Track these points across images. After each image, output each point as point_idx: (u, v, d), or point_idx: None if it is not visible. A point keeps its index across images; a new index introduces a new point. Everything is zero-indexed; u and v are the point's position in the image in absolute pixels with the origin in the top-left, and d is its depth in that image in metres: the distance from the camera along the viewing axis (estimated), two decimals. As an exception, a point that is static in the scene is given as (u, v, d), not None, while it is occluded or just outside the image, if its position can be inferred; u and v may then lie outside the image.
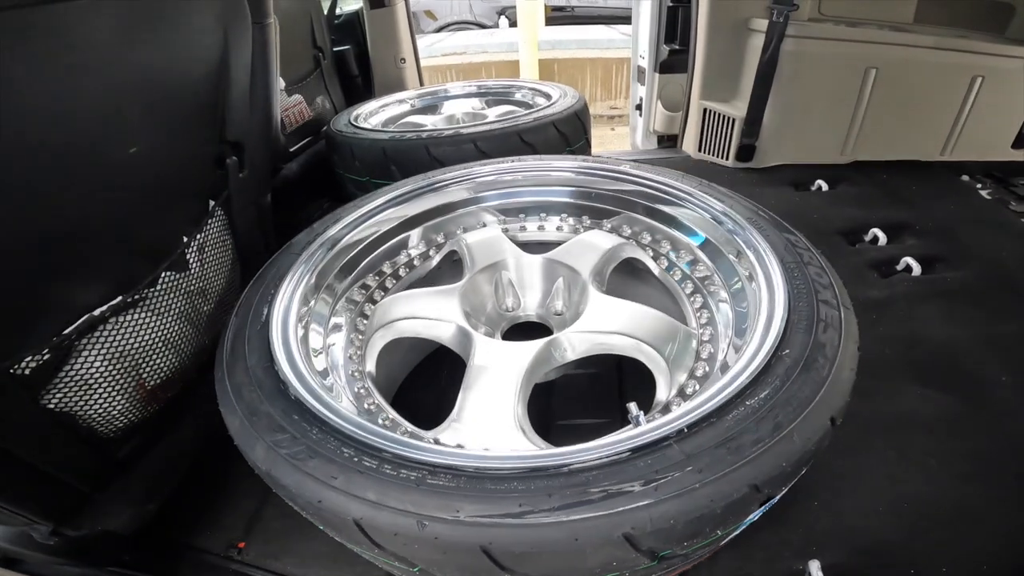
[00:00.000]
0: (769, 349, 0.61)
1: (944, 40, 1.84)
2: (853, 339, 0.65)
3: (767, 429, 0.54)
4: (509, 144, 1.46)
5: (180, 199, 0.81)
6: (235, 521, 0.99)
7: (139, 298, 0.74)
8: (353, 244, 0.97)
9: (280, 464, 0.59)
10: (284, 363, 0.70)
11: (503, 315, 0.96)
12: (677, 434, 0.55)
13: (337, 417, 0.63)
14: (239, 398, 0.66)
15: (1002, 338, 1.26)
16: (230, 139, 0.89)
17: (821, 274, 0.72)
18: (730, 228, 0.85)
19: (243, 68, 0.89)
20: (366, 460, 0.58)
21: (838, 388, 0.59)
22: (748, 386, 0.58)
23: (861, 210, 1.79)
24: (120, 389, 0.75)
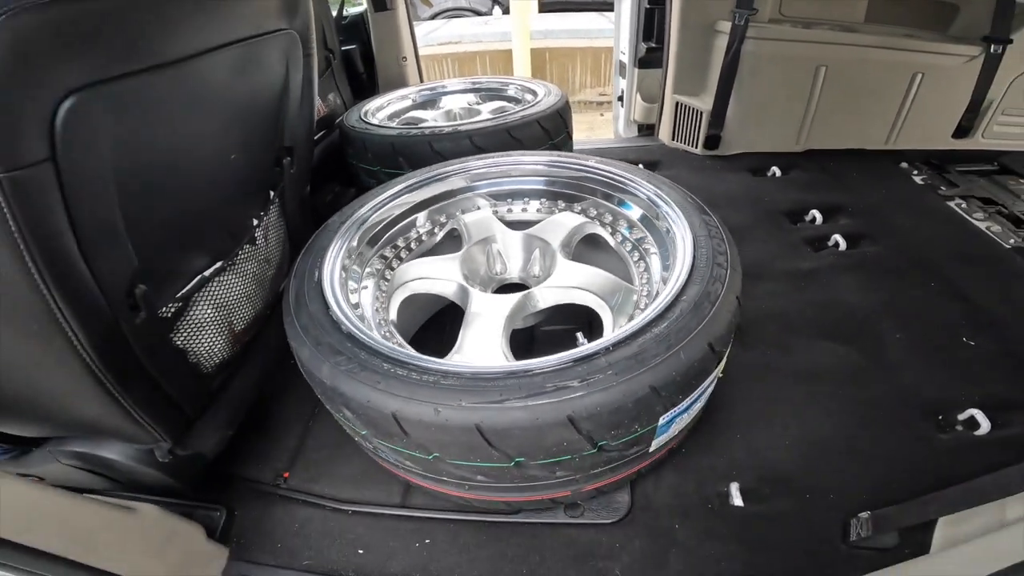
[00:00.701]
0: (672, 296, 0.88)
1: (887, 39, 2.08)
2: (734, 291, 0.90)
3: (663, 348, 0.79)
4: (500, 139, 1.72)
5: (254, 191, 1.09)
6: (280, 455, 1.18)
7: (229, 264, 1.01)
8: (376, 223, 1.25)
9: (340, 377, 0.81)
10: (337, 308, 0.96)
11: (493, 277, 1.25)
12: (604, 350, 0.80)
13: (377, 343, 0.89)
14: (307, 334, 0.90)
15: (902, 303, 1.52)
16: (286, 144, 1.17)
17: (721, 245, 0.99)
18: (664, 211, 1.13)
19: (296, 89, 1.15)
20: (399, 370, 0.82)
21: (716, 323, 0.83)
22: (654, 320, 0.84)
23: (806, 194, 2.07)
24: (219, 331, 1.02)
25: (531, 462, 0.83)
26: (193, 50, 0.83)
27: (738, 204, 2.05)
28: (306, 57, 1.14)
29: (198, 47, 0.84)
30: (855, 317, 1.50)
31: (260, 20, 0.99)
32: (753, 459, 1.13)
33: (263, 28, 0.99)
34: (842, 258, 1.73)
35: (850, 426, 1.17)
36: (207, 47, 0.85)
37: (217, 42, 0.87)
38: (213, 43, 0.86)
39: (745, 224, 1.92)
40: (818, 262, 1.72)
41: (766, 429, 1.18)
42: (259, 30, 0.98)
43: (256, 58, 0.99)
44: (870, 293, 1.58)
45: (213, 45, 0.86)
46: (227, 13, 0.91)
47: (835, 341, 1.42)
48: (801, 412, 1.22)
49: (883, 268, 1.67)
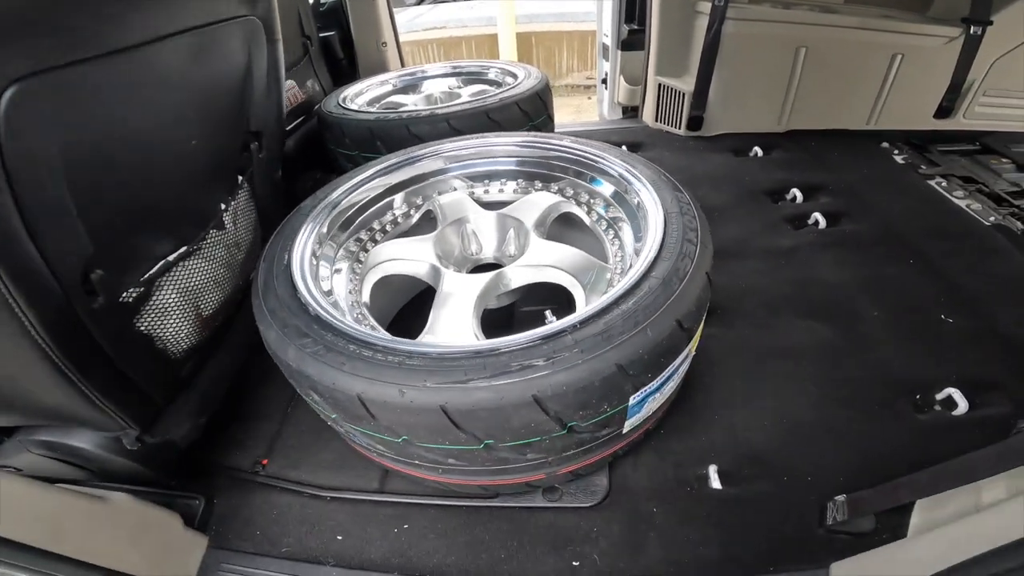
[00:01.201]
0: (641, 272, 0.87)
1: (866, 20, 2.07)
2: (703, 268, 0.89)
3: (629, 325, 0.78)
4: (478, 122, 1.70)
5: (220, 176, 1.08)
6: (258, 442, 1.18)
7: (195, 248, 1.00)
8: (349, 206, 1.23)
9: (306, 359, 0.80)
10: (304, 291, 0.96)
11: (468, 257, 1.24)
12: (571, 327, 0.79)
13: (344, 324, 0.89)
14: (274, 316, 0.90)
15: (880, 280, 1.52)
16: (253, 129, 1.16)
17: (692, 221, 0.99)
18: (635, 187, 1.12)
19: (261, 76, 1.15)
20: (364, 351, 0.81)
21: (685, 300, 0.83)
22: (622, 296, 0.83)
23: (787, 173, 2.06)
24: (185, 316, 1.01)
25: (500, 444, 0.82)
26: (143, 38, 0.82)
27: (720, 184, 2.04)
28: (270, 43, 1.14)
29: (148, 35, 0.82)
30: (833, 295, 1.50)
31: (216, 7, 0.98)
32: (731, 440, 1.12)
33: (220, 15, 0.98)
34: (822, 236, 1.73)
35: (828, 406, 1.17)
36: (158, 35, 0.84)
37: (169, 30, 0.86)
38: (165, 31, 0.85)
39: (726, 203, 1.92)
40: (798, 240, 1.72)
41: (744, 409, 1.18)
42: (216, 17, 0.97)
43: (214, 45, 0.98)
44: (848, 270, 1.58)
45: (165, 33, 0.85)
46: (180, 1, 0.90)
47: (813, 319, 1.42)
48: (779, 392, 1.22)
49: (862, 246, 1.67)
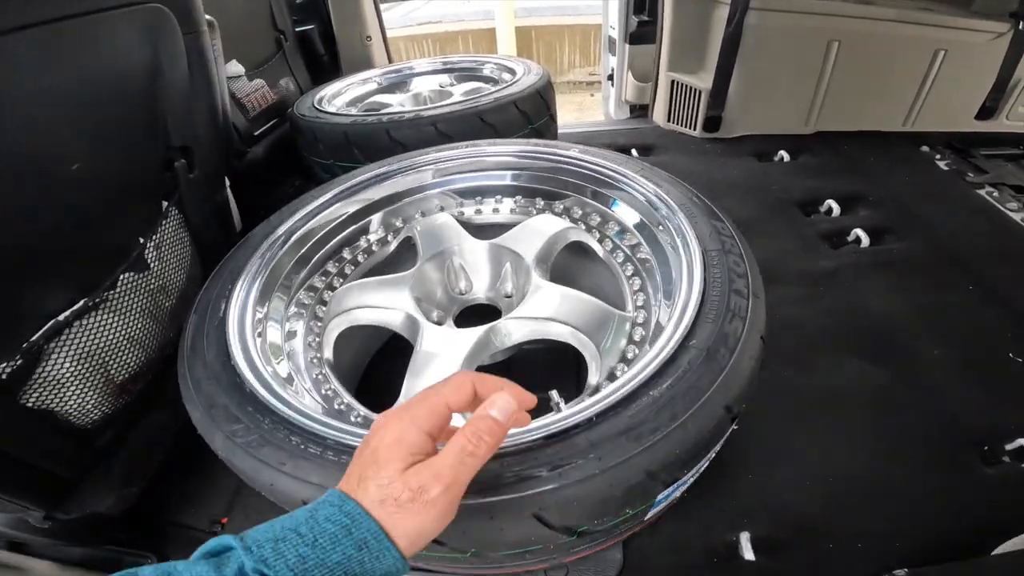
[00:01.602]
0: (677, 340, 0.66)
1: (906, 13, 1.86)
2: (758, 329, 0.69)
3: (664, 419, 0.58)
4: (470, 125, 1.48)
5: (131, 204, 0.85)
6: (217, 499, 1.06)
7: (100, 300, 0.78)
8: (309, 235, 1.01)
9: (237, 452, 0.64)
10: (240, 358, 0.75)
11: (455, 298, 1.02)
12: (586, 423, 0.59)
13: (287, 408, 0.68)
14: (199, 391, 0.71)
15: (939, 310, 1.33)
16: (176, 144, 0.93)
17: (739, 262, 0.77)
18: (664, 214, 0.90)
19: (180, 77, 0.92)
20: (311, 447, 0.62)
21: (736, 378, 0.63)
22: (653, 376, 0.63)
23: (819, 181, 1.85)
24: (91, 386, 0.80)
25: (491, 553, 0.65)
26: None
27: (743, 194, 1.82)
28: (190, 35, 0.90)
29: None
30: (884, 328, 1.31)
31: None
32: (766, 502, 0.97)
33: (102, 2, 0.75)
34: (865, 256, 1.51)
35: (880, 460, 1.02)
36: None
37: (19, 22, 0.64)
38: (12, 23, 0.62)
39: (752, 217, 1.70)
40: (838, 261, 1.50)
41: (782, 465, 1.03)
42: (95, 5, 0.74)
43: (93, 41, 0.75)
44: (900, 298, 1.38)
45: (11, 26, 0.62)
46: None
47: (861, 357, 1.23)
48: (823, 444, 1.06)
49: (913, 268, 1.46)
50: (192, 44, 0.94)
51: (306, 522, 0.38)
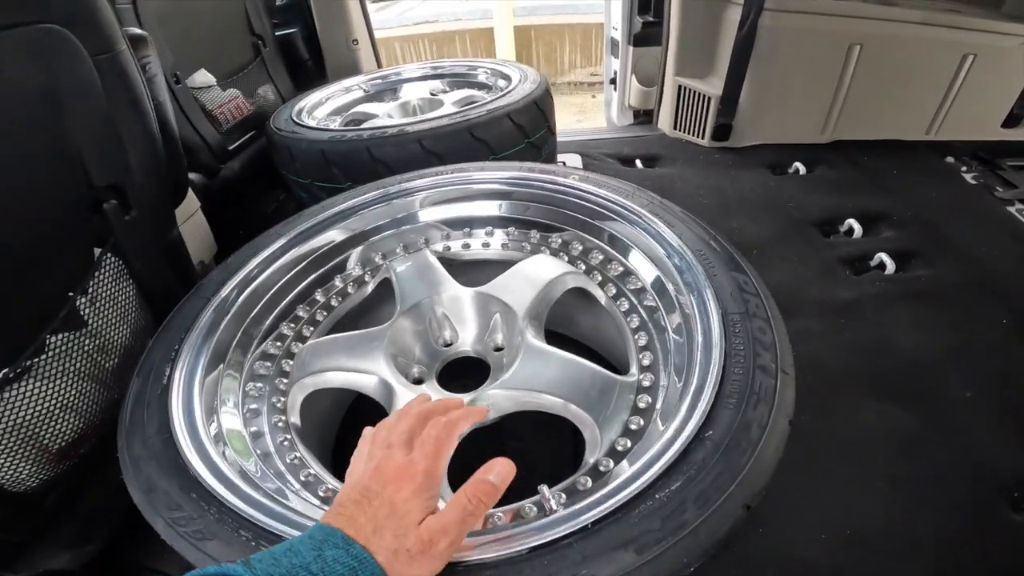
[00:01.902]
0: (691, 432, 0.56)
1: (934, 16, 1.74)
2: (785, 413, 0.60)
3: (672, 527, 0.50)
4: (459, 141, 1.37)
5: (53, 256, 0.73)
6: None
7: (25, 369, 0.68)
8: (270, 281, 0.91)
9: (180, 541, 0.57)
10: (183, 435, 0.66)
11: (439, 351, 0.91)
12: (580, 531, 0.51)
13: (236, 497, 0.60)
14: (138, 471, 0.63)
15: (971, 347, 1.23)
16: (100, 184, 0.82)
17: (765, 329, 0.67)
18: (677, 264, 0.79)
19: (92, 107, 0.80)
20: (263, 544, 0.54)
21: (757, 474, 0.54)
22: (661, 476, 0.54)
23: (838, 197, 1.73)
24: (22, 457, 0.71)
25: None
26: None
27: (757, 211, 1.71)
28: (103, 56, 0.77)
29: None
30: (910, 366, 1.21)
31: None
32: (780, 558, 0.90)
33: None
34: (891, 284, 1.40)
35: (903, 509, 0.95)
36: None
37: None
38: None
39: (766, 238, 1.59)
40: (860, 290, 1.39)
41: (795, 518, 0.95)
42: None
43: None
44: (929, 333, 1.27)
45: None
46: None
47: (884, 399, 1.14)
48: (842, 494, 0.98)
49: (943, 298, 1.36)
50: (107, 66, 0.81)
51: (315, 561, 0.40)
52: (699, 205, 1.73)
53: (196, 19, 1.63)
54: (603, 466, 0.68)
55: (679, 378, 0.73)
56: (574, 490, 0.66)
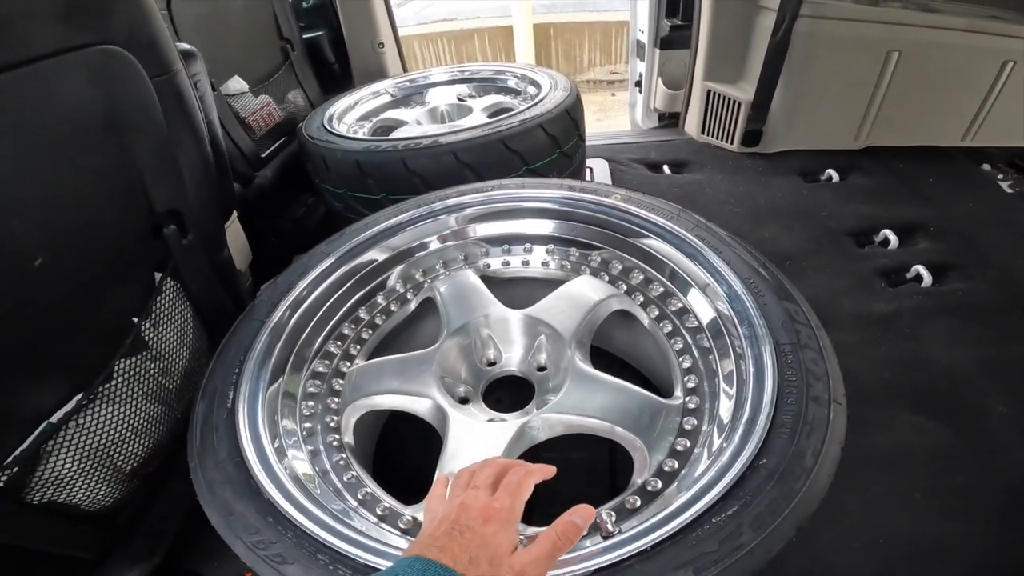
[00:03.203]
0: (746, 460, 0.60)
1: (977, 23, 1.73)
2: (838, 441, 0.63)
3: (728, 548, 0.54)
4: (493, 153, 1.40)
5: (118, 283, 0.77)
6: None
7: (96, 395, 0.73)
8: (323, 296, 0.96)
9: (261, 565, 0.62)
10: (254, 458, 0.70)
11: (483, 371, 0.95)
12: (639, 555, 0.56)
13: (311, 522, 0.64)
14: (213, 495, 0.67)
15: (1008, 363, 1.25)
16: (161, 210, 0.85)
17: (817, 360, 0.69)
18: (726, 291, 0.82)
19: (153, 131, 0.81)
20: (340, 570, 0.59)
21: (810, 499, 0.58)
22: (718, 502, 0.58)
23: (873, 206, 1.74)
24: (97, 479, 0.76)
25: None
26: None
27: (789, 220, 1.72)
28: (161, 78, 0.80)
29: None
30: (948, 381, 1.23)
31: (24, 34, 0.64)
32: (813, 566, 0.93)
33: (32, 51, 0.64)
34: (928, 298, 1.42)
35: (936, 520, 0.99)
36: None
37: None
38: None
39: (799, 249, 1.61)
40: (897, 303, 1.41)
41: (829, 528, 0.98)
42: (20, 55, 0.63)
43: (32, 98, 0.65)
44: (966, 348, 1.29)
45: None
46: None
47: (919, 413, 1.17)
48: (876, 504, 1.02)
49: (981, 312, 1.37)
50: (165, 88, 0.82)
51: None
52: (730, 214, 1.75)
53: (227, 24, 1.67)
54: (651, 486, 0.72)
55: (729, 402, 0.77)
56: (623, 508, 0.70)
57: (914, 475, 1.05)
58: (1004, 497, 1.01)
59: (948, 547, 0.94)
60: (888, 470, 1.07)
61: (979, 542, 0.95)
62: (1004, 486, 1.02)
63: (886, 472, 1.06)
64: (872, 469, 1.07)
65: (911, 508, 1.00)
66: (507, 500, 0.54)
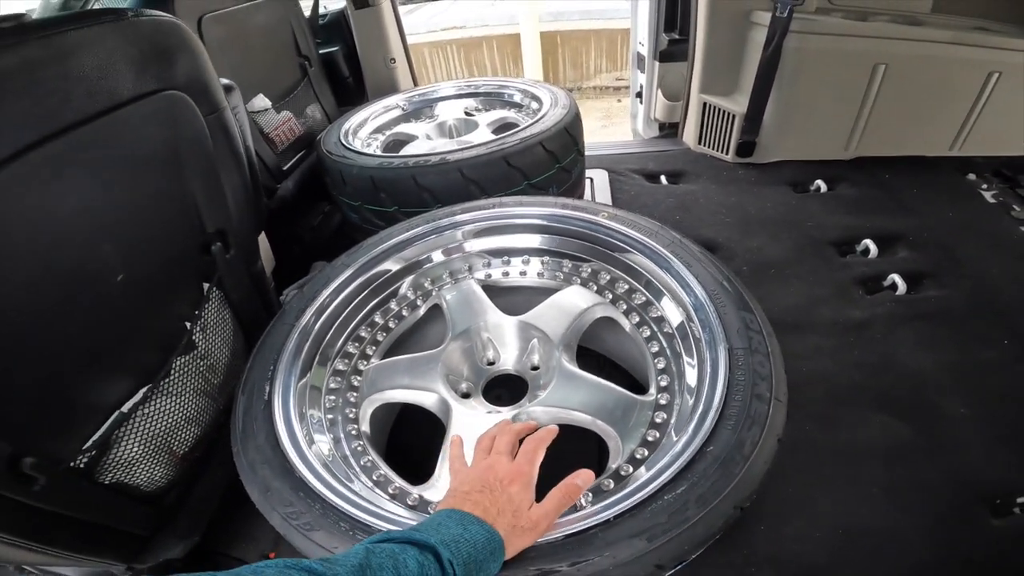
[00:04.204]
0: (695, 448, 0.73)
1: (961, 35, 1.83)
2: (775, 433, 0.75)
3: (676, 520, 0.66)
4: (496, 169, 1.54)
5: (176, 294, 0.93)
6: (265, 534, 1.15)
7: (157, 388, 0.88)
8: (343, 303, 1.10)
9: (292, 532, 0.74)
10: (287, 443, 0.84)
11: (483, 369, 1.09)
12: (603, 524, 0.68)
13: (334, 495, 0.77)
14: (254, 474, 0.80)
15: (972, 367, 1.35)
16: (210, 230, 1.00)
17: (764, 363, 0.82)
18: (693, 302, 0.95)
19: (205, 162, 0.96)
20: (359, 534, 0.72)
21: (747, 482, 0.70)
22: (669, 482, 0.70)
23: (857, 217, 1.86)
24: (156, 462, 0.91)
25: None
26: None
27: (777, 229, 1.84)
28: (211, 116, 0.95)
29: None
30: (913, 384, 1.34)
31: (110, 86, 0.78)
32: (776, 552, 1.03)
33: (118, 97, 0.79)
34: (901, 306, 1.53)
35: (892, 512, 1.08)
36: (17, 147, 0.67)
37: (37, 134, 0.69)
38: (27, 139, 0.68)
39: (784, 257, 1.73)
40: (872, 310, 1.53)
41: (794, 517, 1.08)
42: (107, 103, 0.77)
43: (115, 139, 0.79)
44: (933, 353, 1.40)
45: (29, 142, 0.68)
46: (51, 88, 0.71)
47: (887, 413, 1.28)
48: (837, 497, 1.12)
49: (950, 320, 1.48)
50: (215, 124, 0.97)
51: (464, 532, 0.58)
52: (721, 223, 1.87)
53: (251, 44, 1.82)
54: (624, 471, 0.85)
55: (690, 398, 0.90)
56: (599, 490, 0.83)
57: (875, 470, 1.15)
58: (958, 492, 1.10)
59: (903, 538, 1.04)
60: (851, 465, 1.17)
61: (932, 535, 1.04)
62: (959, 481, 1.12)
63: (849, 467, 1.17)
64: (836, 464, 1.17)
65: (870, 501, 1.10)
66: (526, 466, 0.69)
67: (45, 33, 0.72)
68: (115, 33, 0.79)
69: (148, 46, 0.84)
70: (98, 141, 0.77)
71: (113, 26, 0.79)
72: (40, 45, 0.71)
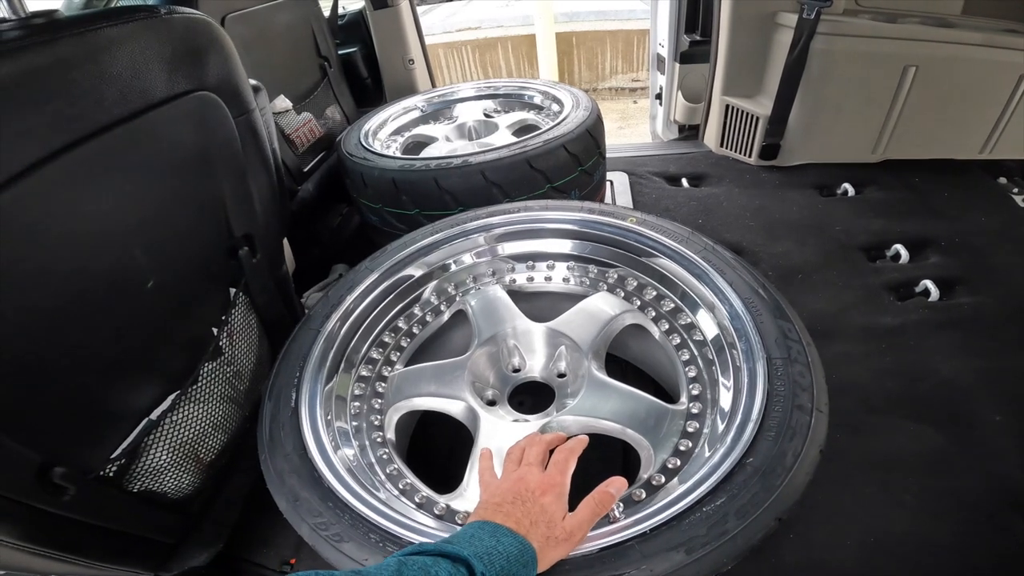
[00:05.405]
0: (735, 459, 0.71)
1: (993, 37, 1.79)
2: (817, 444, 0.73)
3: (715, 534, 0.65)
4: (518, 172, 1.53)
5: (204, 299, 0.92)
6: (287, 541, 1.15)
7: (185, 394, 0.88)
8: (368, 308, 1.09)
9: (322, 543, 0.73)
10: (315, 452, 0.83)
11: (509, 376, 1.08)
12: (640, 536, 0.67)
13: (363, 506, 0.76)
14: (282, 483, 0.80)
15: (1006, 374, 1.32)
16: (238, 235, 0.99)
17: (804, 373, 0.80)
18: (728, 310, 0.93)
19: (234, 167, 0.95)
20: (389, 546, 0.71)
21: (789, 493, 0.68)
22: (708, 495, 0.69)
23: (886, 221, 1.82)
24: (183, 469, 0.91)
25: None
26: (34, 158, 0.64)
27: (804, 234, 1.81)
28: (240, 118, 0.94)
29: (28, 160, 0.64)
30: (947, 392, 1.31)
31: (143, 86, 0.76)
32: (807, 561, 1.02)
33: (148, 100, 0.77)
34: (933, 312, 1.50)
35: (924, 519, 1.07)
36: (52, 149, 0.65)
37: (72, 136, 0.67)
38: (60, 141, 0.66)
39: (812, 263, 1.70)
40: (903, 317, 1.50)
41: (824, 526, 1.07)
42: (139, 105, 0.75)
43: (147, 142, 0.78)
44: (967, 360, 1.37)
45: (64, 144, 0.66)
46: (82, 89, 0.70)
47: (920, 422, 1.25)
48: (868, 504, 1.10)
49: (984, 326, 1.45)
50: (244, 126, 0.95)
51: (497, 544, 0.57)
52: (745, 227, 1.85)
53: (273, 44, 1.82)
54: (655, 481, 0.84)
55: (726, 408, 0.89)
56: (631, 500, 0.82)
57: (906, 478, 1.14)
58: (992, 500, 1.08)
59: (935, 546, 1.02)
60: (883, 473, 1.15)
61: (965, 542, 1.02)
62: (992, 490, 1.10)
63: (881, 474, 1.15)
64: (868, 471, 1.15)
65: (902, 508, 1.08)
66: (558, 476, 0.68)
67: (78, 30, 0.71)
68: (149, 31, 0.77)
69: (181, 45, 0.82)
70: (130, 144, 0.76)
71: (147, 23, 0.78)
72: (73, 43, 0.69)
